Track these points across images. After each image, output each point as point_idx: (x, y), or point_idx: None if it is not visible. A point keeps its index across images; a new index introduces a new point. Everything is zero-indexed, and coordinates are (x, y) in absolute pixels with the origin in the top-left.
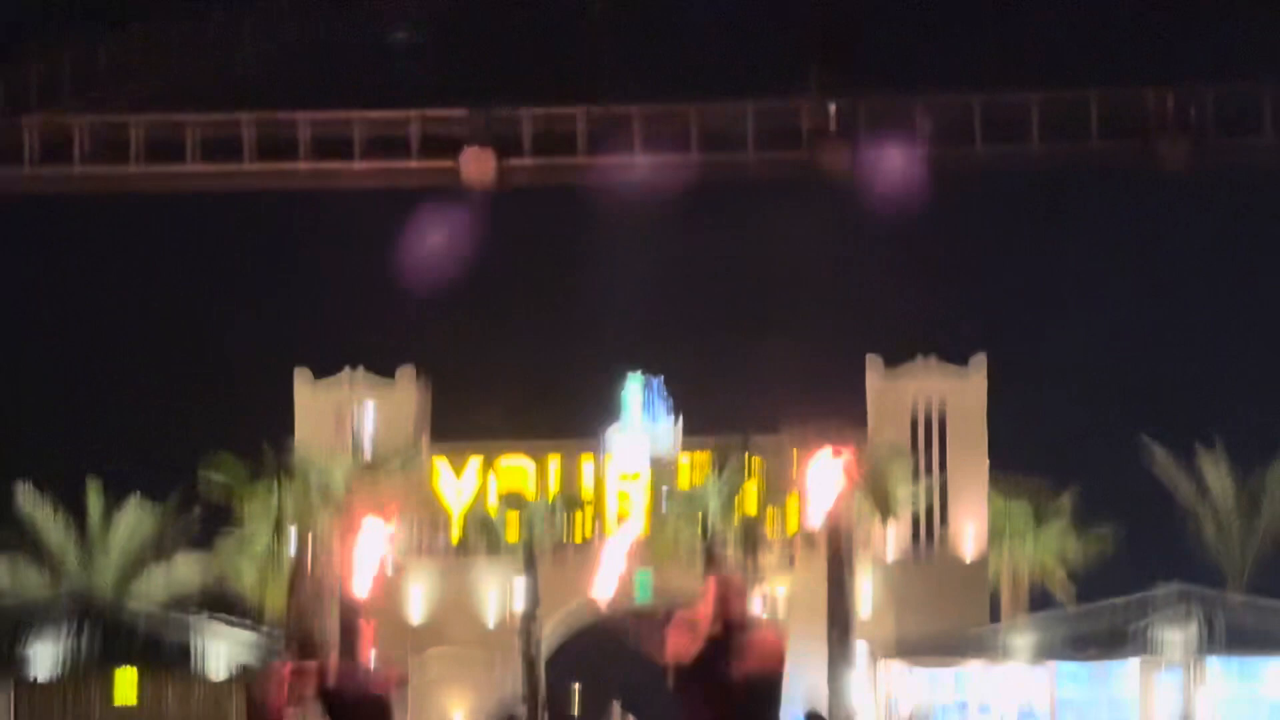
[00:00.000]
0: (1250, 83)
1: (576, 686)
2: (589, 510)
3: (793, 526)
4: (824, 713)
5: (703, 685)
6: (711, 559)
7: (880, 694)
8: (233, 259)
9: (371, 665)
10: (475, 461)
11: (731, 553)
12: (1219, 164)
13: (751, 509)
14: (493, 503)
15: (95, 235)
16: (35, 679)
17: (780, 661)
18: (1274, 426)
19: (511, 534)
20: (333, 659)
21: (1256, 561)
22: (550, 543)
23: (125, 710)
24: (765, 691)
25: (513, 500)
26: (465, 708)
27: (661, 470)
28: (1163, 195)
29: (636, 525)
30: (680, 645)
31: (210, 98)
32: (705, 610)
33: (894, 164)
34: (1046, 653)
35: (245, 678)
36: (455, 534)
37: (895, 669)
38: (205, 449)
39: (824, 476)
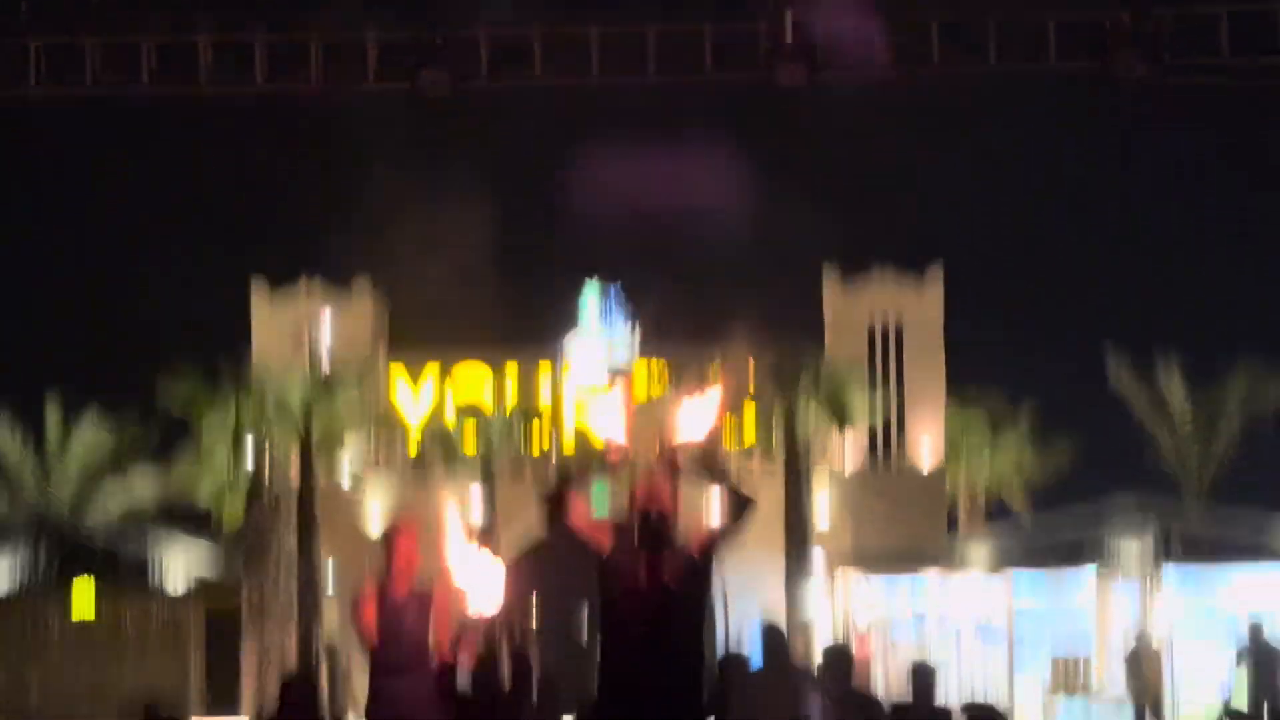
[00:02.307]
0: (1209, 3)
1: (535, 597)
2: (546, 423)
3: (750, 438)
4: (782, 625)
5: (614, 584)
6: (670, 466)
7: (838, 605)
8: (188, 168)
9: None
10: (432, 372)
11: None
12: (1177, 83)
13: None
14: (450, 416)
15: (49, 150)
16: None
17: (695, 579)
18: (1232, 339)
19: (469, 446)
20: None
21: (1213, 474)
22: (508, 455)
23: (83, 625)
24: (681, 603)
25: (470, 411)
26: None
27: (618, 380)
28: (1125, 105)
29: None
30: (597, 536)
31: (167, 8)
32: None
33: (851, 79)
34: (1003, 563)
35: (203, 590)
36: (413, 447)
37: (853, 579)
38: (162, 362)
39: (697, 411)
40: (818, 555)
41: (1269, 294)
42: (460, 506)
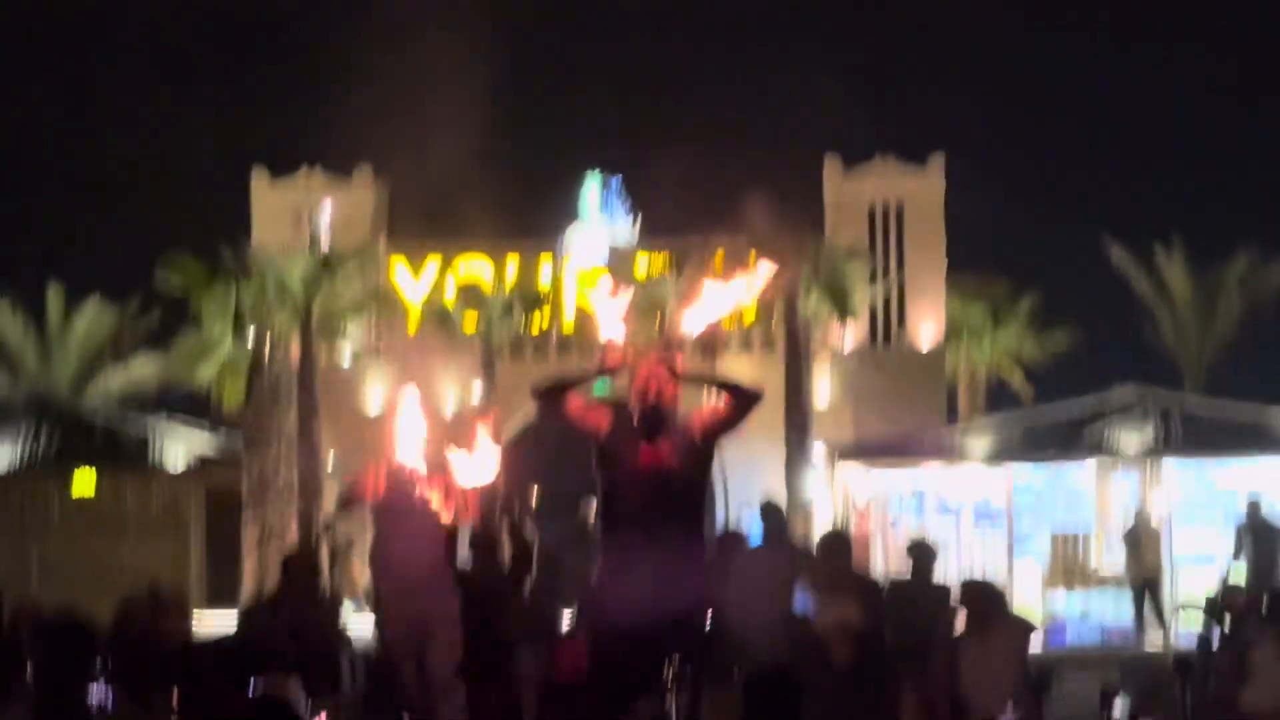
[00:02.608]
0: None
1: (535, 486)
2: (547, 309)
3: (750, 321)
4: (782, 504)
5: (613, 466)
6: (670, 350)
7: (838, 490)
8: (189, 53)
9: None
10: (434, 262)
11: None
12: None
13: None
14: (450, 297)
15: (50, 29)
16: None
17: (695, 460)
18: (1233, 224)
19: (469, 327)
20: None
21: (1213, 361)
22: (508, 338)
23: (83, 505)
24: (682, 483)
25: (470, 294)
26: None
27: (619, 270)
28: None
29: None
30: (594, 419)
31: None
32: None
33: None
34: (1003, 454)
35: (203, 470)
36: (412, 326)
37: (852, 469)
38: (164, 249)
39: (728, 293)
40: (818, 449)
41: (1269, 181)
42: (460, 387)
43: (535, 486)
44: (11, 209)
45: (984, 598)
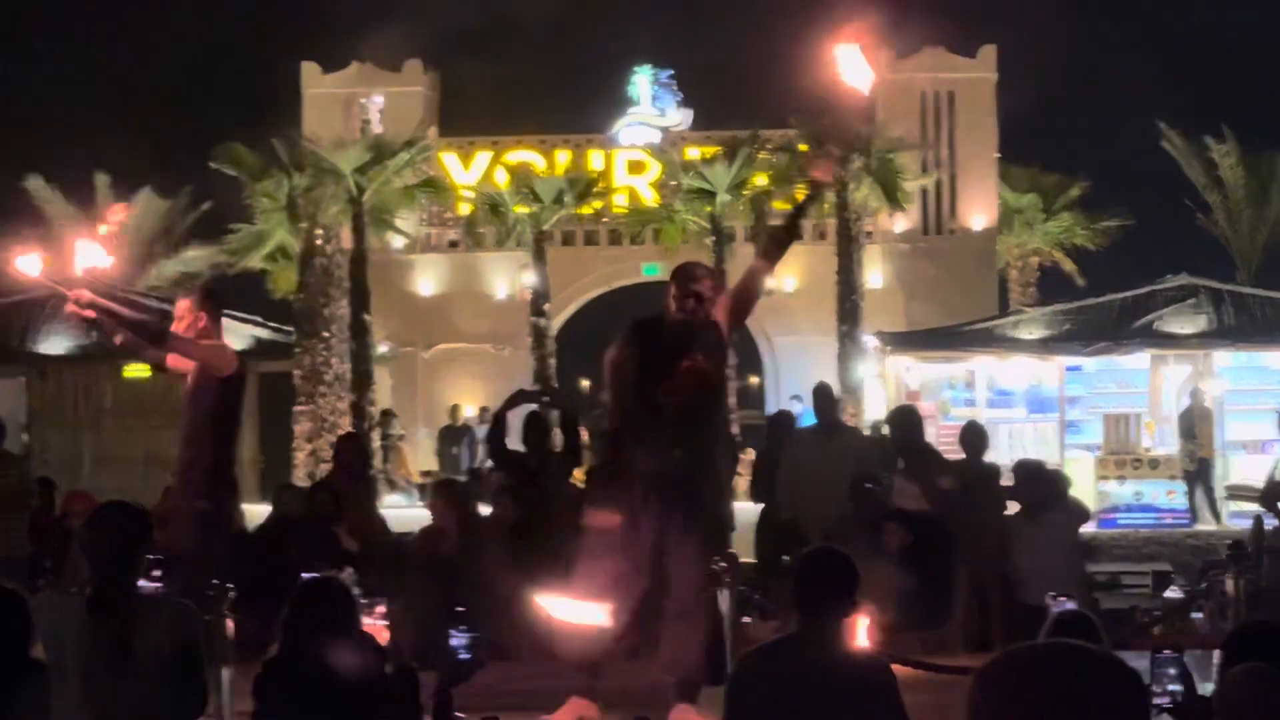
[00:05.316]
0: None
1: (586, 382)
2: (597, 194)
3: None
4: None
5: (645, 372)
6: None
7: (890, 379)
8: None
9: None
10: (484, 154)
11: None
12: None
13: (761, 202)
14: (501, 180)
15: None
16: (47, 358)
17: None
18: None
19: (520, 208)
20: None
21: (1266, 251)
22: (559, 224)
23: (136, 390)
24: (712, 386)
25: (522, 181)
26: (476, 401)
27: (670, 163)
28: None
29: None
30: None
31: None
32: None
33: None
34: (1055, 346)
35: (256, 356)
36: (464, 223)
37: (904, 362)
38: (215, 143)
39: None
40: (869, 340)
41: None
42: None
43: (586, 383)
44: (61, 104)
45: (1037, 479)
